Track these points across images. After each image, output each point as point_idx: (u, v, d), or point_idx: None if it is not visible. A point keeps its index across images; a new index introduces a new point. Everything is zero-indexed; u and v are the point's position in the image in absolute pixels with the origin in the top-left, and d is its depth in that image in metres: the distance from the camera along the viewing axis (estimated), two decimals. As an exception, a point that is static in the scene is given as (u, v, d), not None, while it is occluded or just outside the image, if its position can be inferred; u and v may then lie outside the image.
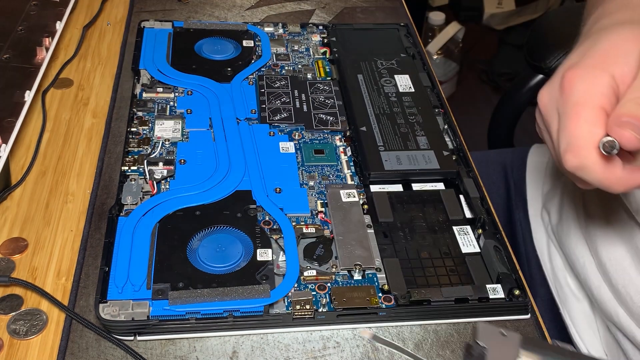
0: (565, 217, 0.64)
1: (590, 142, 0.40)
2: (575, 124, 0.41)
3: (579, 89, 0.42)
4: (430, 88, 0.67)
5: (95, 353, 0.44)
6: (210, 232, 0.51)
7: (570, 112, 0.42)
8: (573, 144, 0.41)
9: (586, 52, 0.44)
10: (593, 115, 0.41)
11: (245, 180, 0.56)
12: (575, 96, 0.42)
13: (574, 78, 0.42)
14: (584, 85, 0.42)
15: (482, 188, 0.56)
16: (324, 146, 0.60)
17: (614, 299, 0.56)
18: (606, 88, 0.41)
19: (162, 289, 0.46)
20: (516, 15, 2.04)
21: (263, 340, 0.46)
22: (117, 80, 0.67)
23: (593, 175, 0.41)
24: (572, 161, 0.41)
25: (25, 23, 0.69)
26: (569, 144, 0.41)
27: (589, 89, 0.41)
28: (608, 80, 0.41)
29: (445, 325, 0.48)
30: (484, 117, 1.25)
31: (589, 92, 0.41)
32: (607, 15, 0.47)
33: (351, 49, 0.72)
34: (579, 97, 0.42)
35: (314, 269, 0.49)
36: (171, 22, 0.73)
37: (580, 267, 0.60)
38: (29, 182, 0.56)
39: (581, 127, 0.41)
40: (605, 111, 0.41)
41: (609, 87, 0.41)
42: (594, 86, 0.41)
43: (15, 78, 0.61)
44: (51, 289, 0.48)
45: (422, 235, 0.52)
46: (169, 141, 0.59)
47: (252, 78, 0.68)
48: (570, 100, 0.42)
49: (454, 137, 0.61)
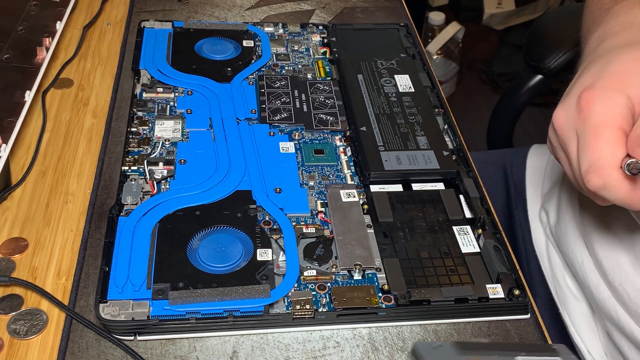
0: (563, 216, 0.64)
1: (612, 163, 0.42)
2: (597, 145, 0.42)
3: (597, 111, 0.43)
4: (430, 88, 0.67)
5: (95, 353, 0.44)
6: (210, 232, 0.51)
7: (590, 133, 0.43)
8: (595, 165, 0.42)
9: (600, 73, 0.45)
10: (613, 136, 0.42)
11: (245, 180, 0.56)
12: (595, 118, 0.43)
13: (592, 100, 0.43)
14: (602, 107, 0.43)
15: (482, 188, 0.56)
16: (324, 146, 0.60)
17: (612, 297, 0.56)
18: (624, 109, 0.43)
19: (162, 288, 0.46)
20: (516, 15, 2.04)
21: (263, 340, 0.46)
22: (117, 80, 0.67)
23: (617, 194, 0.42)
24: (595, 181, 0.42)
25: (25, 23, 0.69)
26: (591, 165, 0.43)
27: (607, 110, 0.43)
28: (625, 101, 0.43)
29: (445, 325, 0.48)
30: (483, 117, 1.25)
31: (608, 114, 0.43)
32: (613, 35, 0.49)
33: (351, 49, 0.72)
34: (598, 118, 0.43)
35: (314, 269, 0.49)
36: (171, 22, 0.74)
37: (578, 266, 0.60)
38: (29, 182, 0.56)
39: (603, 148, 0.42)
40: (623, 131, 0.42)
41: (626, 108, 0.43)
42: (612, 107, 0.43)
43: (16, 78, 0.61)
44: (51, 289, 0.48)
45: (422, 235, 0.52)
46: (169, 141, 0.59)
47: (252, 78, 0.68)
48: (590, 122, 0.43)
49: (454, 137, 0.61)
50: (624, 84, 0.43)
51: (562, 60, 0.87)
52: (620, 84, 0.44)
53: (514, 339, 0.47)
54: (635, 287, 0.54)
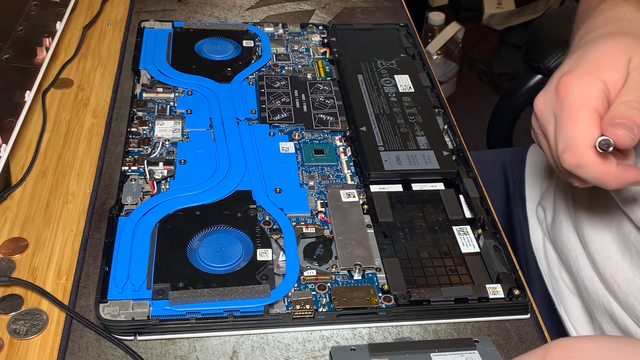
0: (557, 212, 0.65)
1: (587, 142, 0.44)
2: (572, 126, 0.45)
3: (574, 94, 0.45)
4: (430, 88, 0.67)
5: (95, 353, 0.44)
6: (210, 232, 0.51)
7: (567, 114, 0.45)
8: (571, 144, 0.44)
9: (579, 60, 0.47)
10: (588, 117, 0.44)
11: (245, 180, 0.56)
12: (571, 100, 0.45)
13: (569, 84, 0.46)
14: (578, 90, 0.45)
15: (481, 188, 0.56)
16: (324, 146, 0.60)
17: (605, 290, 0.57)
18: (599, 93, 0.45)
19: (162, 288, 0.46)
20: (516, 15, 2.04)
21: (263, 340, 0.46)
22: (117, 80, 0.67)
23: (591, 172, 0.44)
24: (570, 160, 0.44)
25: (25, 23, 0.69)
26: (567, 144, 0.45)
27: (583, 93, 0.45)
28: (600, 85, 0.45)
29: (445, 325, 0.48)
30: (483, 117, 1.25)
31: (584, 97, 0.45)
32: (595, 29, 0.51)
33: (351, 49, 0.72)
34: (574, 101, 0.45)
35: (314, 269, 0.49)
36: (171, 22, 0.74)
37: (572, 261, 0.61)
38: (29, 182, 0.56)
39: (578, 128, 0.44)
40: (598, 113, 0.44)
41: (601, 92, 0.45)
42: (588, 91, 0.45)
43: (16, 78, 0.61)
44: (51, 289, 0.48)
45: (422, 235, 0.52)
46: (169, 141, 0.59)
47: (252, 78, 0.68)
48: (567, 104, 0.45)
49: (454, 137, 0.61)
50: (601, 70, 0.46)
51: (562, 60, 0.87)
52: (598, 69, 0.46)
53: (514, 338, 0.47)
54: (625, 278, 0.54)
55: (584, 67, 0.46)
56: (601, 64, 0.46)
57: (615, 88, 0.45)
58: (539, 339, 0.47)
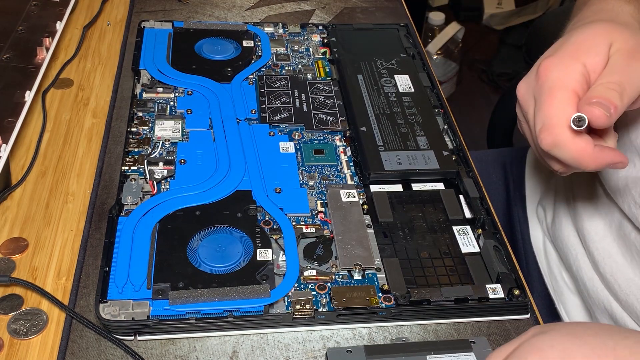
0: (558, 211, 0.65)
1: (563, 120, 0.44)
2: (550, 105, 0.45)
3: (553, 76, 0.46)
4: (430, 88, 0.67)
5: (95, 353, 0.44)
6: (210, 232, 0.51)
7: (545, 95, 0.46)
8: (547, 123, 0.45)
9: (561, 45, 0.48)
10: (566, 96, 0.45)
11: (245, 180, 0.56)
12: (550, 81, 0.46)
13: (550, 66, 0.46)
14: (558, 72, 0.46)
15: (481, 188, 0.56)
16: (324, 146, 0.60)
17: (605, 289, 0.57)
18: (579, 75, 0.45)
19: (162, 288, 0.46)
20: (516, 15, 2.04)
21: (263, 340, 0.46)
22: (117, 80, 0.67)
23: (566, 152, 0.45)
24: (547, 139, 0.45)
25: (25, 23, 0.69)
26: (544, 124, 0.45)
27: (563, 75, 0.46)
28: (580, 68, 0.46)
29: (445, 325, 0.48)
30: (483, 117, 1.25)
31: (563, 78, 0.45)
32: (582, 19, 0.52)
33: (351, 49, 0.72)
34: (553, 82, 0.46)
35: (314, 269, 0.49)
36: (171, 22, 0.74)
37: (572, 260, 0.61)
38: (29, 182, 0.56)
39: (555, 106, 0.45)
40: (577, 94, 0.45)
41: (581, 74, 0.45)
42: (568, 73, 0.46)
43: (16, 78, 0.61)
44: (51, 289, 0.48)
45: (422, 235, 0.52)
46: (169, 141, 0.59)
47: (252, 78, 0.68)
48: (546, 85, 0.46)
49: (454, 137, 0.61)
50: (581, 53, 0.46)
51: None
52: (578, 52, 0.46)
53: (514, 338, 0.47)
54: (626, 277, 0.54)
55: (564, 50, 0.47)
56: (582, 48, 0.46)
57: (595, 71, 0.46)
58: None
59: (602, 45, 0.46)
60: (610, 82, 0.44)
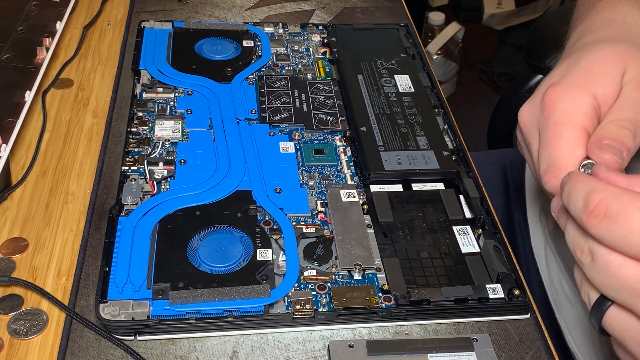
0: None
1: (571, 163, 0.40)
2: (556, 144, 0.41)
3: (560, 109, 0.42)
4: (430, 88, 0.67)
5: (95, 353, 0.44)
6: (210, 232, 0.51)
7: (551, 131, 0.42)
8: (554, 164, 0.41)
9: (569, 69, 0.44)
10: (574, 135, 0.40)
11: (245, 180, 0.56)
12: (557, 115, 0.42)
13: (556, 97, 0.42)
14: (565, 104, 0.42)
15: (482, 188, 0.56)
16: (324, 146, 0.60)
17: None
18: (588, 108, 0.41)
19: (162, 288, 0.46)
20: (516, 15, 2.04)
21: (263, 340, 0.46)
22: (117, 80, 0.67)
23: None
24: (552, 182, 0.41)
25: (25, 23, 0.69)
26: (549, 165, 0.41)
27: (570, 108, 0.41)
28: (590, 100, 0.41)
29: (445, 325, 0.48)
30: (483, 117, 1.25)
31: (571, 112, 0.41)
32: (591, 32, 0.47)
33: (351, 49, 0.72)
34: (560, 116, 0.41)
35: (314, 269, 0.49)
36: (171, 22, 0.74)
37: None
38: (29, 182, 0.56)
39: (562, 147, 0.41)
40: (586, 131, 0.41)
41: (590, 107, 0.41)
42: (576, 106, 0.41)
43: (16, 78, 0.61)
44: (51, 289, 0.48)
45: (422, 235, 0.52)
46: (169, 141, 0.59)
47: (252, 78, 0.68)
48: (552, 120, 0.42)
49: (454, 137, 0.61)
50: (591, 82, 0.42)
51: (561, 60, 0.87)
52: (587, 82, 0.42)
53: (514, 338, 0.47)
54: None
55: (572, 78, 0.43)
56: (592, 76, 0.42)
57: (606, 103, 0.42)
58: (539, 339, 0.47)
59: (615, 72, 0.42)
60: (622, 120, 0.40)
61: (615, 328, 0.36)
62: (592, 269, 0.36)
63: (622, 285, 0.34)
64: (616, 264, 0.34)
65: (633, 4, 0.49)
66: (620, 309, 0.35)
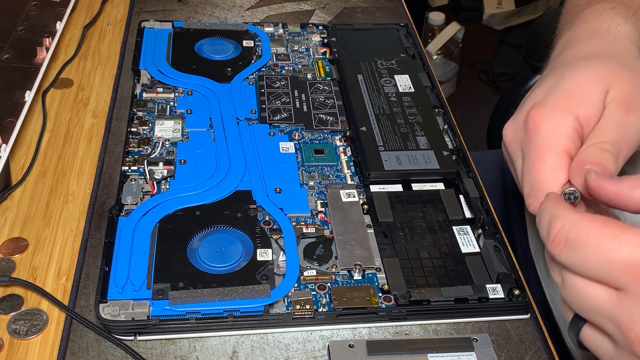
0: None
1: (552, 188, 0.41)
2: (539, 169, 0.42)
3: (544, 132, 0.42)
4: (430, 88, 0.67)
5: (95, 353, 0.44)
6: (210, 232, 0.51)
7: (534, 154, 0.42)
8: (536, 188, 0.41)
9: (552, 89, 0.44)
10: (557, 159, 0.41)
11: (245, 180, 0.56)
12: (540, 139, 0.42)
13: (540, 120, 0.43)
14: (548, 127, 0.42)
15: (482, 188, 0.56)
16: (324, 146, 0.60)
17: None
18: (570, 130, 0.42)
19: (162, 288, 0.46)
20: (516, 15, 2.04)
21: (263, 340, 0.46)
22: (117, 80, 0.67)
23: None
24: (534, 205, 0.41)
25: (25, 23, 0.69)
26: (532, 189, 0.42)
27: (553, 131, 0.42)
28: (572, 122, 0.42)
29: (445, 325, 0.48)
30: (483, 117, 1.25)
31: (553, 135, 0.42)
32: (575, 44, 0.48)
33: (351, 49, 0.72)
34: (543, 139, 0.42)
35: (314, 269, 0.49)
36: (171, 22, 0.74)
37: None
38: (29, 182, 0.56)
39: (545, 172, 0.41)
40: (569, 154, 0.41)
41: (572, 129, 0.42)
42: (559, 128, 0.42)
43: (16, 78, 0.61)
44: (51, 289, 0.48)
45: (422, 235, 0.52)
46: (169, 141, 0.59)
47: (252, 78, 0.68)
48: (535, 143, 0.42)
49: (454, 137, 0.61)
50: (573, 104, 0.42)
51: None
52: (570, 104, 0.43)
53: (514, 338, 0.47)
54: None
55: (555, 100, 0.43)
56: (574, 98, 0.43)
57: (589, 124, 0.42)
58: (539, 338, 0.47)
59: (597, 93, 0.42)
60: (603, 143, 0.40)
61: (591, 344, 0.37)
62: (563, 290, 0.37)
63: (589, 305, 0.36)
64: (581, 285, 0.36)
65: (617, 13, 0.49)
66: (593, 327, 0.37)
